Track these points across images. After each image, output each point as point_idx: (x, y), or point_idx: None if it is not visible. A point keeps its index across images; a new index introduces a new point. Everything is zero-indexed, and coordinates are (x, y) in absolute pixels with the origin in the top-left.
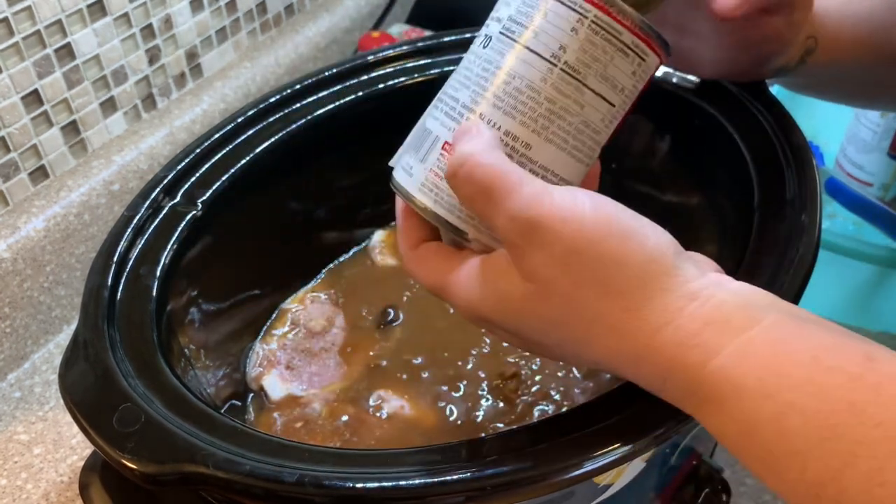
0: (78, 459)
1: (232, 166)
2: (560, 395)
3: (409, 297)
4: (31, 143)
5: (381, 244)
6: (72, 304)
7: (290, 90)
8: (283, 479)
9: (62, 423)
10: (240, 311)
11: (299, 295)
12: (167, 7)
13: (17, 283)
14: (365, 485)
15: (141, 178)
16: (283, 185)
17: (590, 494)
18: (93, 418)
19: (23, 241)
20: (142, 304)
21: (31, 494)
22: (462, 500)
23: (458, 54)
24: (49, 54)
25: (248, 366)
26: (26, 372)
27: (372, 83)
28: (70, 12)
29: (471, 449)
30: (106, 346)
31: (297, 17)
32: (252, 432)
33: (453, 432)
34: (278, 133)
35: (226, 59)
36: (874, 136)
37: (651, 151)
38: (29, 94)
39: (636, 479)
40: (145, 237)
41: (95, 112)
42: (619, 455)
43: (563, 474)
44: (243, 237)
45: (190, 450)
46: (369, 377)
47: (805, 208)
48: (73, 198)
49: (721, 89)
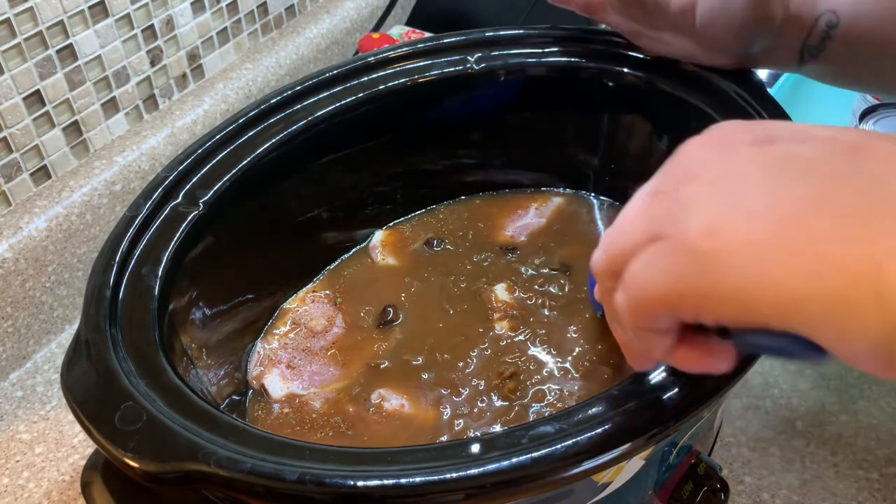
0: (80, 458)
1: (233, 167)
2: (558, 394)
3: (408, 297)
4: (33, 143)
5: (381, 244)
6: (73, 304)
7: (291, 91)
8: (284, 477)
9: (64, 423)
10: (241, 311)
11: (300, 295)
12: (169, 8)
13: (20, 282)
14: (366, 483)
15: (143, 179)
16: (283, 186)
17: (589, 492)
18: (95, 417)
19: (25, 241)
20: (144, 303)
21: (32, 493)
22: (462, 498)
23: (458, 55)
24: (51, 55)
25: (250, 365)
26: (28, 371)
27: (372, 84)
28: (72, 13)
29: (470, 447)
30: (108, 345)
31: (298, 18)
32: (253, 431)
33: (453, 430)
34: (279, 134)
35: (227, 61)
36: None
37: (649, 152)
38: (31, 95)
39: (635, 477)
40: (147, 237)
41: (97, 113)
42: (619, 453)
43: (563, 472)
44: (244, 237)
45: (192, 448)
46: (369, 376)
47: None
48: (74, 198)
49: (720, 89)
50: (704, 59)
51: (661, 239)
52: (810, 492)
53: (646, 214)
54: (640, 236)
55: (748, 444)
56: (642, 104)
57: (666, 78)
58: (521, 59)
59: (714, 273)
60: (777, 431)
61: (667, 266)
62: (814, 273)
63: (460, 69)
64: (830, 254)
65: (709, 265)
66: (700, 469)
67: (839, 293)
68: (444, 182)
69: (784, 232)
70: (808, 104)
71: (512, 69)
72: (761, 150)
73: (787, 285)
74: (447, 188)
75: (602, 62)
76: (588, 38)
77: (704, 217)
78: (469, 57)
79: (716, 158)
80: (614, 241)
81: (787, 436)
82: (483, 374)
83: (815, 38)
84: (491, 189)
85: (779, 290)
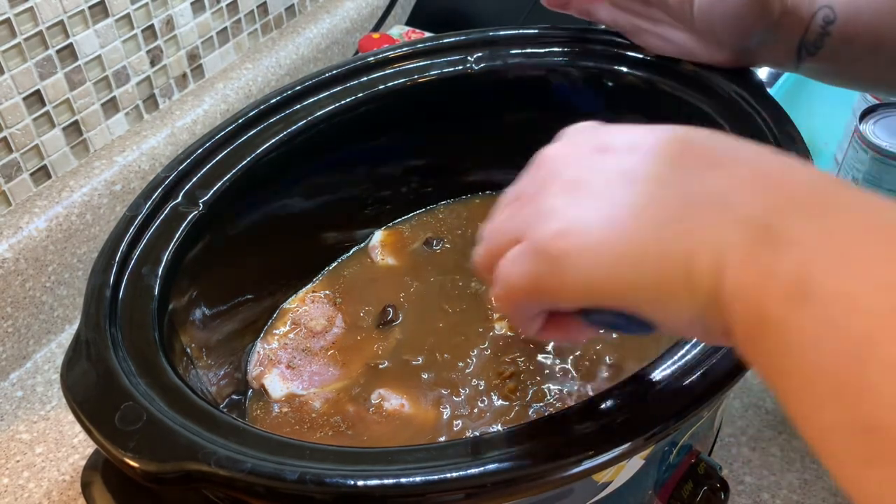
0: (80, 458)
1: (233, 167)
2: (558, 394)
3: (408, 296)
4: (33, 143)
5: (381, 244)
6: (73, 304)
7: (291, 91)
8: (284, 476)
9: (64, 423)
10: (241, 311)
11: (300, 295)
12: (169, 8)
13: (20, 282)
14: (366, 482)
15: (143, 179)
16: (283, 186)
17: (589, 492)
18: (95, 417)
19: (25, 241)
20: (144, 303)
21: (33, 493)
22: (462, 498)
23: (458, 55)
24: (51, 55)
25: (250, 365)
26: (28, 371)
27: (372, 84)
28: (72, 13)
29: (470, 447)
30: (108, 345)
31: (298, 18)
32: (253, 430)
33: (453, 430)
34: (279, 134)
35: (227, 60)
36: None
37: None
38: (31, 95)
39: (635, 477)
40: (147, 237)
41: (97, 113)
42: (619, 452)
43: (563, 472)
44: (244, 237)
45: (192, 448)
46: (369, 376)
47: None
48: (74, 198)
49: (720, 89)
50: (703, 56)
51: (522, 240)
52: (810, 492)
53: (512, 217)
54: (508, 237)
55: (748, 444)
56: (642, 104)
57: (666, 78)
58: (521, 59)
59: (564, 271)
60: (777, 431)
61: (526, 265)
62: (639, 267)
63: (460, 69)
64: (652, 250)
65: (559, 264)
66: (700, 469)
67: (659, 281)
68: (444, 182)
69: (617, 235)
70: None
71: (512, 69)
72: (602, 159)
73: (620, 277)
74: (447, 188)
75: (602, 62)
76: (588, 38)
77: (555, 222)
78: (469, 57)
79: (565, 166)
80: (489, 244)
81: (788, 436)
82: (483, 374)
83: (812, 34)
84: (490, 189)
85: (614, 282)
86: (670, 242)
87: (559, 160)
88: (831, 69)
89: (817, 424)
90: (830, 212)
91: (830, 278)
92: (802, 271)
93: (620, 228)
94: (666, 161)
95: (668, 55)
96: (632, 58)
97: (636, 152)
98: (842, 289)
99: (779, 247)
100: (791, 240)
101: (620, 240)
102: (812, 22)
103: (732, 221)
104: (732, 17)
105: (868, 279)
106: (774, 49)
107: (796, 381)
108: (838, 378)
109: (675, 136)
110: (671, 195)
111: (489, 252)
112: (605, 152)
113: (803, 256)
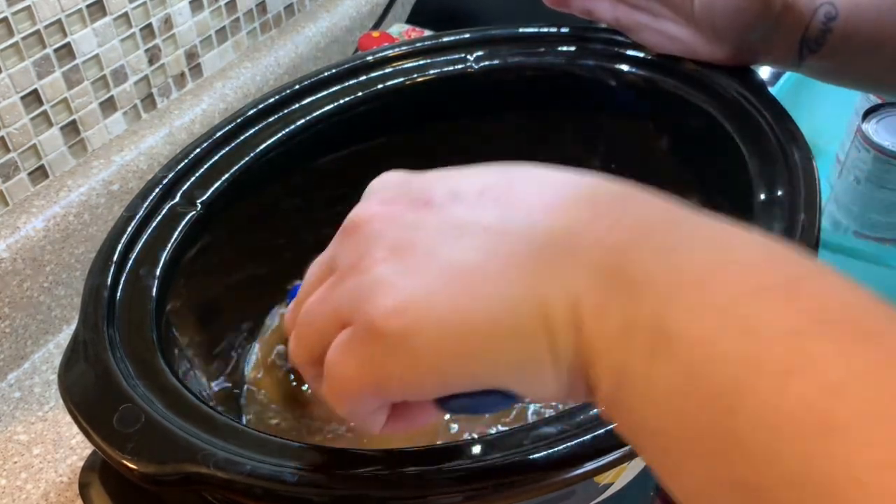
0: (78, 460)
1: (232, 166)
2: None
3: None
4: (31, 142)
5: None
6: (71, 305)
7: (290, 90)
8: (283, 478)
9: (62, 424)
10: (240, 312)
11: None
12: (167, 7)
13: (17, 283)
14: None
15: (141, 178)
16: (282, 186)
17: (590, 494)
18: (93, 418)
19: (22, 241)
20: (141, 304)
21: (30, 494)
22: (462, 499)
23: (458, 54)
24: (49, 54)
25: (248, 366)
26: (26, 372)
27: (372, 83)
28: (70, 12)
29: (470, 449)
30: (105, 346)
31: (297, 17)
32: (252, 432)
33: (452, 431)
34: (278, 133)
35: (226, 59)
36: None
37: (649, 151)
38: (28, 94)
39: (637, 479)
40: (145, 237)
41: (95, 112)
42: (620, 454)
43: (564, 473)
44: (243, 237)
45: (190, 450)
46: None
47: (805, 208)
48: (72, 198)
49: (721, 89)
50: (704, 53)
51: (350, 324)
52: None
53: (330, 298)
54: (330, 321)
55: None
56: (643, 104)
57: (667, 77)
58: (521, 58)
59: (407, 354)
60: None
61: (360, 353)
62: (495, 338)
63: (460, 68)
64: (505, 315)
65: (400, 347)
66: None
67: (520, 349)
68: None
69: (461, 303)
70: (810, 103)
71: (512, 68)
72: (425, 217)
73: (475, 354)
74: None
75: (602, 61)
76: (588, 37)
77: (387, 297)
78: (468, 56)
79: (385, 228)
80: (306, 332)
81: None
82: None
83: (814, 31)
84: None
85: (469, 361)
86: (522, 301)
87: (375, 222)
88: (833, 67)
89: (687, 484)
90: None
91: (685, 323)
92: (659, 317)
93: (465, 295)
94: (495, 206)
95: (669, 53)
96: (633, 57)
97: (461, 202)
98: (699, 335)
99: (633, 291)
100: (645, 281)
101: (468, 307)
102: (814, 18)
103: (583, 266)
104: (734, 10)
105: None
106: (776, 46)
107: (662, 439)
108: (705, 434)
109: (497, 177)
110: (511, 244)
111: (308, 343)
112: (427, 206)
113: (657, 301)
